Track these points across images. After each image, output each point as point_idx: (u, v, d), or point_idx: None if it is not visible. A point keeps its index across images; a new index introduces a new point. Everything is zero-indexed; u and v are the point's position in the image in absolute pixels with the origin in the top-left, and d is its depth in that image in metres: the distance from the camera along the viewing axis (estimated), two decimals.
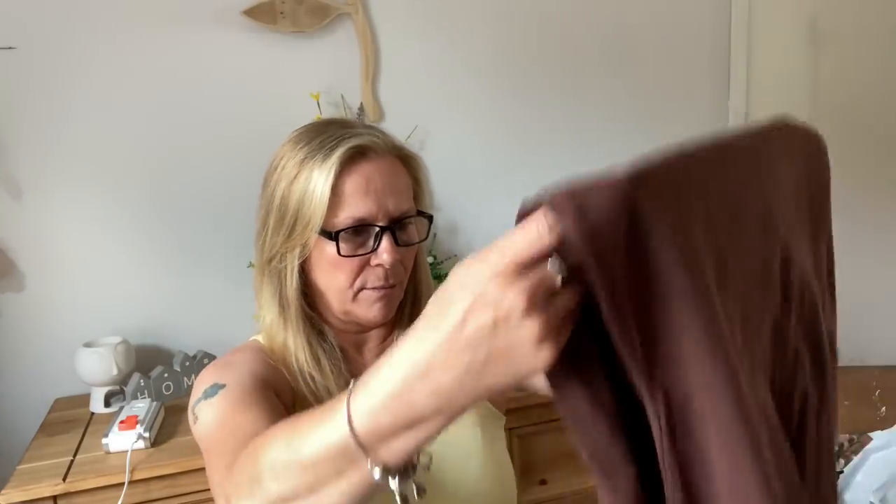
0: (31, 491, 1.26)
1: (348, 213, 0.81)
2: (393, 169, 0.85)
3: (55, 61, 1.61)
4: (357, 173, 0.82)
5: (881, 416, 1.15)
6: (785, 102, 2.24)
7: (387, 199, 0.83)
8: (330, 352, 0.88)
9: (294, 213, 0.83)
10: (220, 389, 0.80)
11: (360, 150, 0.83)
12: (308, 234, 0.82)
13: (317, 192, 0.81)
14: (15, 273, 1.64)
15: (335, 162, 0.81)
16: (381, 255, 0.82)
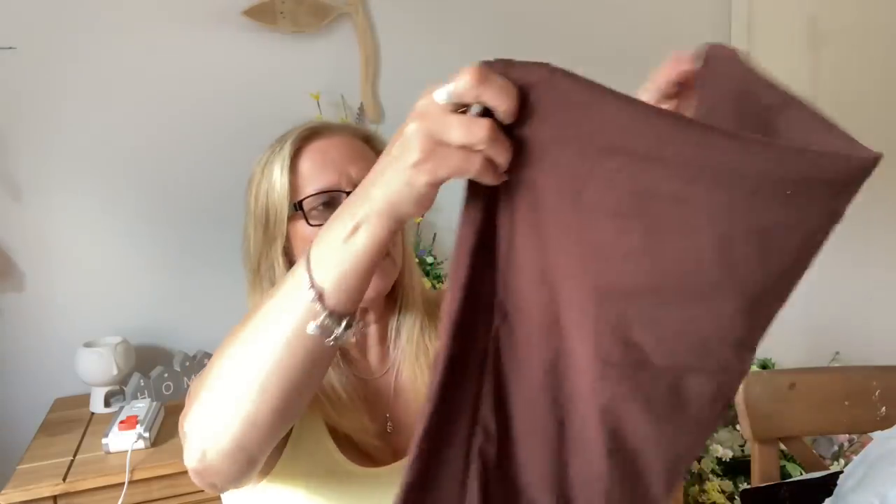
0: (31, 491, 1.26)
1: (313, 185, 0.83)
2: (351, 143, 0.87)
3: (55, 61, 1.61)
4: (312, 150, 0.85)
5: (881, 416, 1.15)
6: None
7: (347, 167, 0.85)
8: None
9: (264, 209, 0.86)
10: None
11: (313, 130, 0.86)
12: (279, 221, 0.84)
13: (278, 180, 0.83)
14: (15, 273, 1.64)
15: (288, 147, 0.84)
16: None
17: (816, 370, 1.33)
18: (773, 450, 1.19)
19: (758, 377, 1.19)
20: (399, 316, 0.94)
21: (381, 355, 0.94)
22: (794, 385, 1.18)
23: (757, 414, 1.17)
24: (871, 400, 1.17)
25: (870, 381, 1.17)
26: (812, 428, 1.20)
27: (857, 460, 0.94)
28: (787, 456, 1.81)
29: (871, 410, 1.17)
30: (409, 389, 0.92)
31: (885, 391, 1.17)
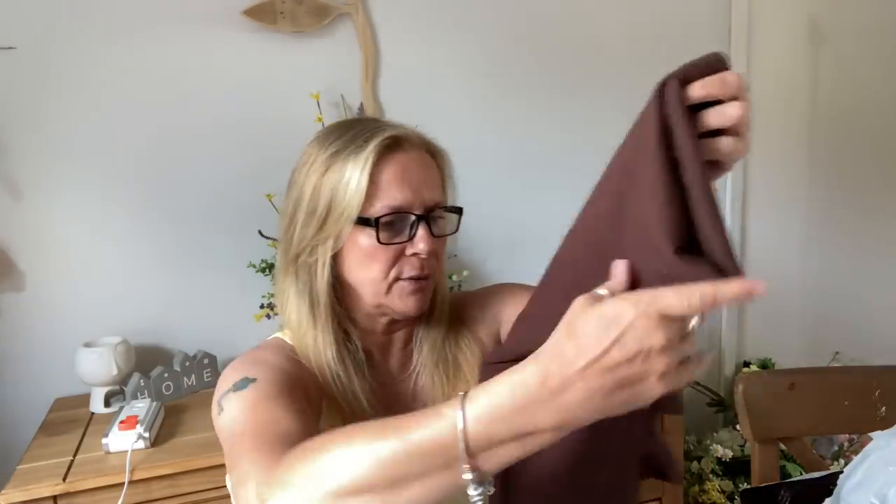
0: (31, 491, 1.26)
1: (385, 201, 0.81)
2: (425, 161, 0.86)
3: (55, 61, 1.61)
4: (393, 163, 0.82)
5: (881, 416, 1.15)
6: (785, 102, 2.24)
7: (422, 188, 0.84)
8: (354, 353, 0.88)
9: (326, 204, 0.82)
10: (250, 383, 0.79)
11: (395, 140, 0.83)
12: (342, 224, 0.82)
13: (353, 182, 0.81)
14: (15, 273, 1.64)
15: (372, 151, 0.81)
16: (417, 244, 0.83)
17: (816, 370, 1.33)
18: (773, 450, 1.19)
19: (758, 377, 1.19)
20: (425, 324, 0.94)
21: (403, 360, 0.95)
22: (794, 385, 1.18)
23: (757, 414, 1.17)
24: (871, 400, 1.17)
25: (870, 381, 1.18)
26: (812, 428, 1.20)
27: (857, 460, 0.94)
28: (787, 456, 1.81)
29: (871, 410, 1.17)
30: (428, 396, 0.93)
31: (885, 391, 1.17)
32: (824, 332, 2.37)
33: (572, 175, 2.03)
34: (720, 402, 2.18)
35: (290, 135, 1.75)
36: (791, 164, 2.28)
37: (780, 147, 2.25)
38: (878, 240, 2.41)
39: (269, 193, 1.70)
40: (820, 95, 2.26)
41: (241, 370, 0.82)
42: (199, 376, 1.65)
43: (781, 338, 2.33)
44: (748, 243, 2.26)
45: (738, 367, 2.28)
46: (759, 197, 2.24)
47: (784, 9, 2.19)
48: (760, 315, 2.30)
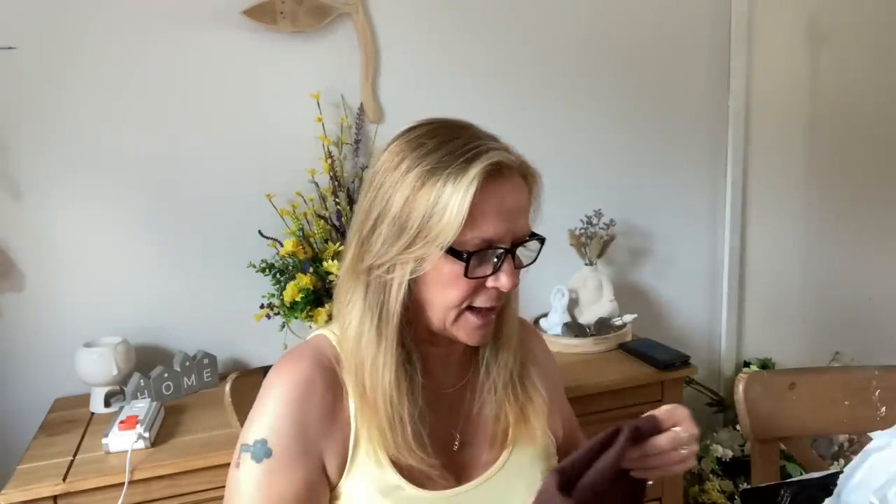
0: (31, 491, 1.26)
1: (479, 233, 0.78)
2: (520, 189, 0.83)
3: (55, 61, 1.61)
4: (493, 192, 0.78)
5: (881, 416, 1.15)
6: (785, 102, 2.24)
7: (515, 221, 0.80)
8: (412, 374, 0.85)
9: (418, 226, 0.78)
10: (264, 457, 0.82)
11: (498, 167, 0.79)
12: (430, 249, 0.78)
13: (451, 209, 0.76)
14: (15, 273, 1.64)
15: (475, 178, 0.76)
16: (500, 279, 0.80)
17: (816, 370, 1.33)
18: (773, 450, 1.19)
19: (758, 377, 1.19)
20: (495, 344, 0.92)
21: (459, 370, 0.94)
22: (794, 385, 1.18)
23: (757, 414, 1.17)
24: (871, 400, 1.17)
25: (870, 381, 1.17)
26: (812, 428, 1.20)
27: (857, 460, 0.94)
28: (787, 456, 1.81)
29: (871, 410, 1.17)
30: (486, 416, 0.92)
31: (885, 391, 1.17)
32: (824, 332, 2.37)
33: (573, 175, 2.04)
34: (720, 402, 2.18)
35: (290, 135, 1.76)
36: (791, 164, 2.28)
37: (779, 147, 2.25)
38: (878, 240, 2.41)
39: (269, 193, 1.70)
40: (820, 95, 2.26)
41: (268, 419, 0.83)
42: (199, 376, 1.66)
43: (781, 338, 2.33)
44: (748, 243, 2.26)
45: (738, 367, 2.28)
46: (759, 197, 2.24)
47: (784, 9, 2.19)
48: (760, 315, 2.30)
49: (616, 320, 1.90)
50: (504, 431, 0.92)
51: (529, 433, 0.92)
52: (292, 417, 0.82)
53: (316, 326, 1.62)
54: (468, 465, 0.90)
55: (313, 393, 0.84)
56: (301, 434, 0.82)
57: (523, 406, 0.92)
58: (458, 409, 0.92)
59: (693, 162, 2.16)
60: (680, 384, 1.77)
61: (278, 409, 0.83)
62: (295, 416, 0.83)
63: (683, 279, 2.21)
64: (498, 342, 0.91)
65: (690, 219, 2.19)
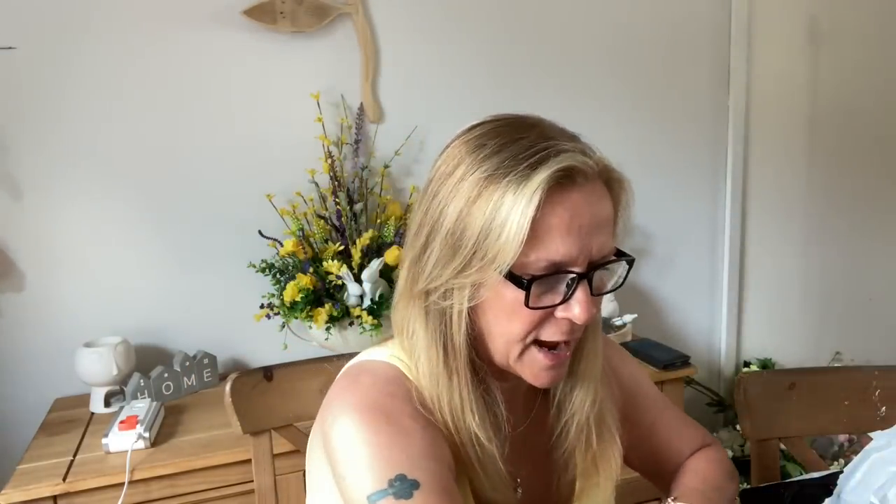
0: (31, 491, 1.26)
1: (544, 254, 0.65)
2: (600, 199, 0.68)
3: (55, 61, 1.61)
4: (561, 205, 0.65)
5: (881, 416, 1.15)
6: (785, 102, 2.24)
7: (591, 239, 0.66)
8: (495, 407, 0.73)
9: (474, 244, 0.65)
10: (413, 489, 0.64)
11: (569, 172, 0.65)
12: (488, 272, 0.65)
13: (510, 226, 0.63)
14: (15, 273, 1.64)
15: (539, 188, 0.63)
16: (572, 309, 0.67)
17: (816, 370, 1.33)
18: (773, 450, 1.19)
19: (758, 377, 1.19)
20: (570, 380, 0.78)
21: (526, 403, 0.81)
22: (794, 385, 1.18)
23: (757, 414, 1.17)
24: (871, 400, 1.17)
25: (870, 381, 1.17)
26: (812, 428, 1.20)
27: (857, 460, 0.94)
28: (787, 456, 1.80)
29: (871, 410, 1.16)
30: (554, 461, 0.80)
31: (885, 391, 1.17)
32: (824, 332, 2.37)
33: None
34: (720, 402, 2.18)
35: (290, 135, 1.76)
36: (791, 164, 2.28)
37: (779, 147, 2.25)
38: (877, 239, 2.41)
39: (269, 193, 1.70)
40: (820, 95, 2.26)
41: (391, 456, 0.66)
42: (199, 376, 1.66)
43: (781, 338, 2.33)
44: (748, 243, 2.26)
45: (738, 367, 2.28)
46: (759, 197, 2.24)
47: (784, 9, 2.19)
48: (760, 315, 2.30)
49: (616, 320, 1.90)
50: (571, 482, 0.81)
51: (601, 487, 0.82)
52: (413, 444, 0.67)
53: (316, 327, 1.62)
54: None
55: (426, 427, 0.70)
56: (436, 460, 0.67)
57: (595, 456, 0.81)
58: (523, 453, 0.79)
59: (693, 162, 2.16)
60: (680, 384, 1.77)
61: (392, 444, 0.67)
62: (415, 443, 0.67)
63: (683, 279, 2.21)
64: (573, 378, 0.78)
65: (690, 219, 2.19)
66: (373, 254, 1.66)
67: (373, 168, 1.81)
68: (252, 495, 1.10)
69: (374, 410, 0.69)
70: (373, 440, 0.67)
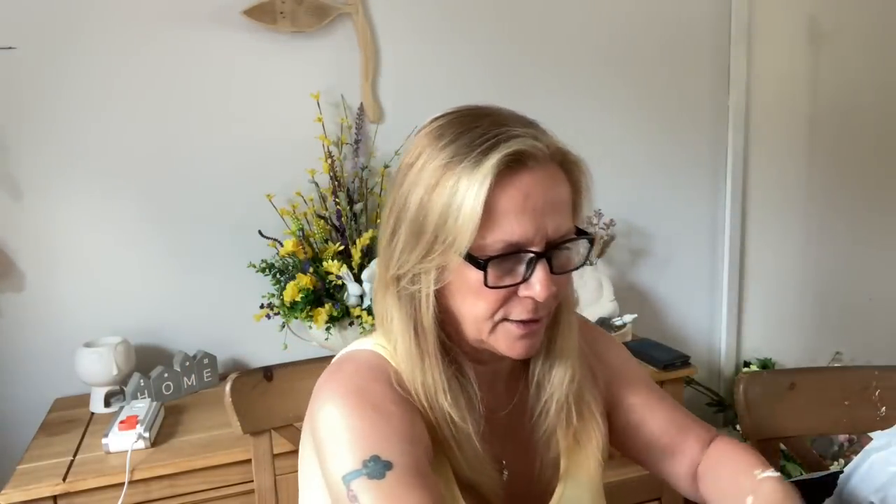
0: (31, 491, 1.26)
1: (499, 235, 0.68)
2: (554, 180, 0.71)
3: (55, 61, 1.61)
4: (514, 188, 0.68)
5: (881, 416, 1.15)
6: (785, 102, 2.24)
7: (546, 218, 0.69)
8: (469, 387, 0.76)
9: (435, 230, 0.69)
10: (386, 470, 0.66)
11: (519, 156, 0.68)
12: (449, 256, 0.69)
13: (465, 210, 0.67)
14: (15, 273, 1.64)
15: (489, 171, 0.66)
16: (533, 287, 0.70)
17: (816, 370, 1.33)
18: (774, 450, 1.19)
19: (758, 377, 1.19)
20: (547, 359, 0.81)
21: (507, 390, 0.83)
22: (794, 385, 1.18)
23: (757, 414, 1.17)
24: (871, 400, 1.17)
25: (870, 381, 1.17)
26: (812, 428, 1.20)
27: (857, 460, 0.94)
28: (787, 456, 1.80)
29: (871, 410, 1.16)
30: (536, 441, 0.82)
31: (885, 391, 1.17)
32: (824, 332, 2.37)
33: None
34: (720, 402, 2.18)
35: (290, 135, 1.76)
36: (791, 163, 2.28)
37: (779, 147, 2.25)
38: (877, 239, 2.41)
39: (269, 193, 1.70)
40: (820, 95, 2.26)
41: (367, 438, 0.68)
42: (199, 376, 1.66)
43: (781, 338, 2.33)
44: (748, 243, 2.26)
45: (738, 367, 2.28)
46: (759, 197, 2.24)
47: (784, 9, 2.19)
48: (760, 315, 2.30)
49: (616, 320, 1.90)
50: (555, 461, 0.82)
51: (584, 465, 0.82)
52: (390, 426, 0.70)
53: (316, 327, 1.62)
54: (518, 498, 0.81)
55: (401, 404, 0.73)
56: (411, 441, 0.69)
57: (577, 433, 0.82)
58: (506, 436, 0.81)
59: (693, 162, 2.16)
60: (680, 384, 1.77)
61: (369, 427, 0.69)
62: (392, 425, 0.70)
63: (683, 279, 2.21)
64: (551, 356, 0.80)
65: (690, 219, 2.19)
66: (373, 254, 1.66)
67: (373, 168, 1.81)
68: (252, 495, 1.10)
69: (356, 395, 0.71)
70: (353, 424, 0.69)
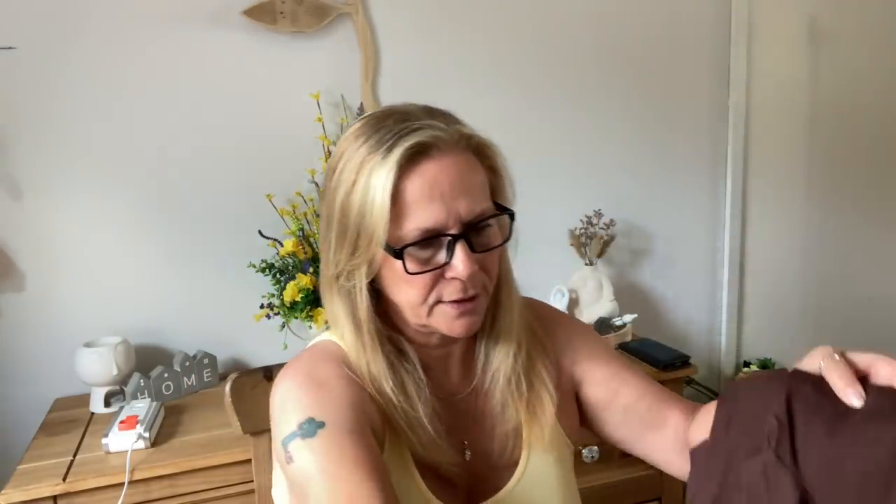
0: (31, 491, 1.26)
1: (414, 223, 0.71)
2: (462, 165, 0.74)
3: (55, 61, 1.61)
4: (419, 177, 0.71)
5: None
6: (785, 102, 2.24)
7: (456, 202, 0.72)
8: (413, 373, 0.79)
9: (356, 227, 0.73)
10: (318, 429, 0.71)
11: (421, 147, 0.72)
12: (373, 249, 0.73)
13: (376, 203, 0.71)
14: (15, 273, 1.64)
15: (393, 166, 0.70)
16: (455, 268, 0.72)
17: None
18: None
19: None
20: (489, 335, 0.84)
21: (464, 371, 0.86)
22: None
23: None
24: None
25: None
26: None
27: None
28: None
29: None
30: (493, 416, 0.84)
31: None
32: (824, 331, 2.37)
33: (573, 175, 2.04)
34: None
35: (290, 135, 1.76)
36: (791, 163, 2.28)
37: (779, 147, 2.25)
38: (877, 239, 2.41)
39: (269, 193, 1.70)
40: (820, 95, 2.26)
41: (305, 405, 0.73)
42: (199, 376, 1.66)
43: (781, 338, 2.33)
44: (748, 243, 2.26)
45: (738, 367, 2.28)
46: (759, 196, 2.24)
47: (784, 9, 2.19)
48: (760, 315, 2.30)
49: (616, 320, 1.90)
50: (516, 433, 0.84)
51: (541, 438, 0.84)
52: (330, 395, 0.74)
53: (316, 327, 1.62)
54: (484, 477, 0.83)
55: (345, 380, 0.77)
56: (350, 410, 0.73)
57: (531, 404, 0.84)
58: (467, 417, 0.84)
59: (693, 162, 2.16)
60: (680, 384, 1.77)
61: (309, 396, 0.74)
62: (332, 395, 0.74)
63: (683, 279, 2.21)
64: (495, 332, 0.83)
65: (690, 219, 2.19)
66: None
67: None
68: (252, 495, 1.10)
69: (304, 374, 0.77)
70: (295, 396, 0.75)
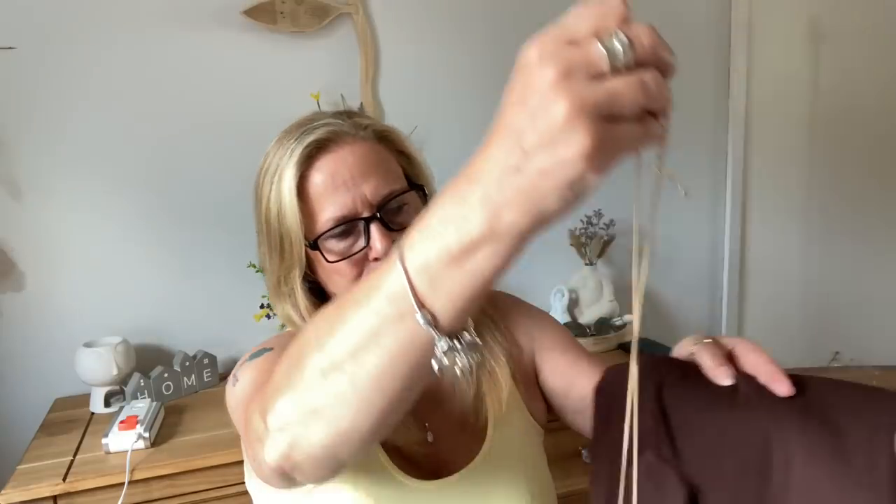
0: (31, 491, 1.26)
1: (325, 215, 0.76)
2: (363, 152, 0.78)
3: (55, 61, 1.61)
4: (320, 172, 0.76)
5: None
6: (785, 102, 2.24)
7: (360, 187, 0.76)
8: None
9: (277, 232, 0.78)
10: (265, 352, 0.78)
11: (319, 144, 0.77)
12: (297, 249, 0.78)
13: (286, 204, 0.76)
14: (15, 273, 1.64)
15: (294, 167, 0.76)
16: (375, 248, 0.76)
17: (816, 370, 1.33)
18: None
19: None
20: None
21: None
22: None
23: None
24: None
25: (870, 381, 1.17)
26: None
27: None
28: None
29: None
30: (452, 399, 0.85)
31: None
32: (824, 332, 2.37)
33: None
34: None
35: None
36: (791, 164, 2.28)
37: (779, 147, 2.25)
38: (877, 240, 2.41)
39: None
40: (820, 95, 2.26)
41: (255, 349, 0.81)
42: (199, 376, 1.66)
43: (781, 338, 2.33)
44: (748, 244, 2.26)
45: None
46: (759, 198, 2.24)
47: (784, 9, 2.19)
48: (760, 315, 2.30)
49: (616, 320, 1.89)
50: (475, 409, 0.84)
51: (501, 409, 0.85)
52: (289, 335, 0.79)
53: None
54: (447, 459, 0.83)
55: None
56: None
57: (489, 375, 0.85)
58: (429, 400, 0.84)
59: (693, 162, 2.16)
60: None
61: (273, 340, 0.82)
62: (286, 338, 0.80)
63: (683, 279, 2.21)
64: None
65: (690, 219, 2.19)
66: None
67: None
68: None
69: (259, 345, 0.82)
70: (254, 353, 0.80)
